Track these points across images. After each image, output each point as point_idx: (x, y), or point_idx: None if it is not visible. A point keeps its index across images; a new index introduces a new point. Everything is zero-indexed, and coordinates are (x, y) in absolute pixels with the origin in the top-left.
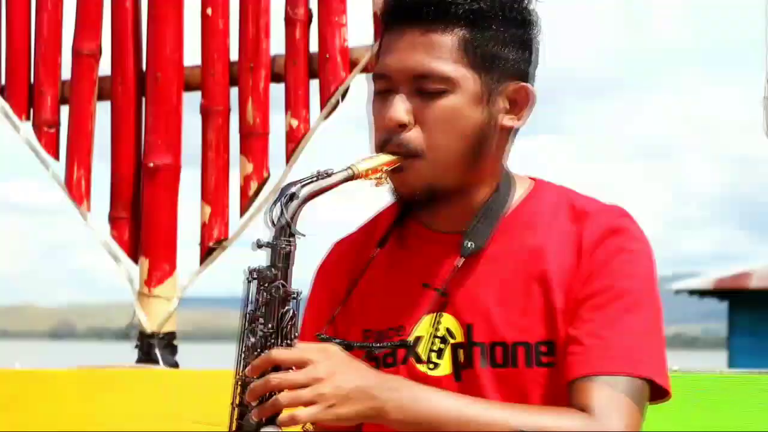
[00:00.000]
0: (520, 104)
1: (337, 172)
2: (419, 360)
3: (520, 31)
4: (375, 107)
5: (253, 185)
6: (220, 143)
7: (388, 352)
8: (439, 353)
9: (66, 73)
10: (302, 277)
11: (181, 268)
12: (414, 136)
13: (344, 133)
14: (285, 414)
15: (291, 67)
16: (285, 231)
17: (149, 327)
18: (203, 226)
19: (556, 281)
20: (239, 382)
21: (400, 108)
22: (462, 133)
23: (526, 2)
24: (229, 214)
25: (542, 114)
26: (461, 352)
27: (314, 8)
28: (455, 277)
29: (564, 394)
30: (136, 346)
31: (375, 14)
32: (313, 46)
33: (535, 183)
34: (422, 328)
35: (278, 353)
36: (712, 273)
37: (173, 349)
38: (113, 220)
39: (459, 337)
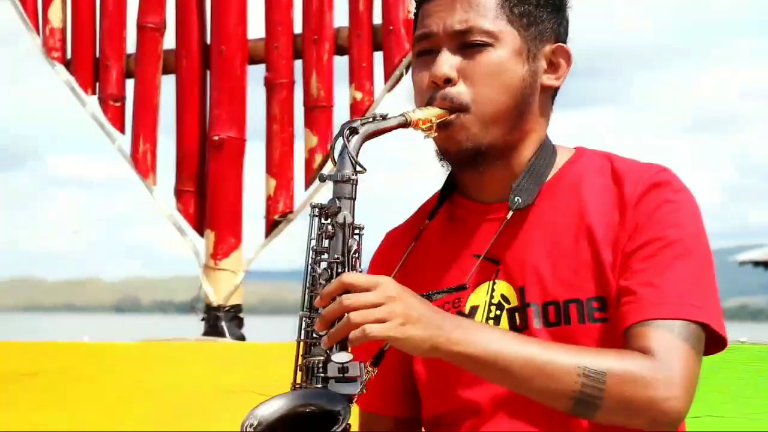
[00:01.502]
0: (558, 64)
1: (393, 117)
2: None
3: None
4: (416, 72)
5: (318, 158)
6: (284, 116)
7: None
8: (497, 320)
9: (131, 47)
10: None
11: (247, 241)
12: (460, 90)
13: (408, 105)
14: (356, 331)
15: (355, 39)
16: (348, 163)
17: (215, 300)
18: (268, 199)
19: (602, 236)
20: (305, 317)
21: (447, 63)
22: (506, 87)
23: None
24: (294, 186)
25: (602, 85)
26: (517, 315)
27: None
28: (503, 240)
29: (619, 348)
30: (203, 319)
31: None
32: (377, 18)
33: (577, 150)
34: (478, 297)
35: (349, 276)
36: None
37: (239, 322)
38: (179, 193)
39: (513, 302)
